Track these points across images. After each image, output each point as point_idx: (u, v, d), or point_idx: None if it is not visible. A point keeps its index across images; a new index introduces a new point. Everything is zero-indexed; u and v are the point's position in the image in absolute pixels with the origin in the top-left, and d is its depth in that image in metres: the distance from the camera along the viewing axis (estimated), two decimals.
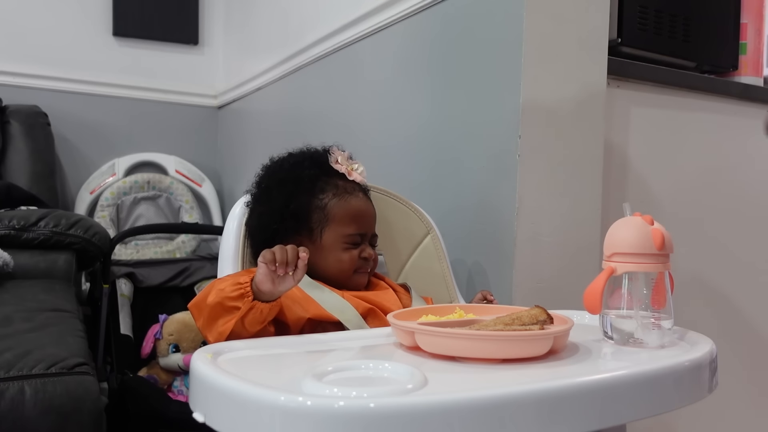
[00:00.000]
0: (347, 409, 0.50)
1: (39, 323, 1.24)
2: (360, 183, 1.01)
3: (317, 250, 0.96)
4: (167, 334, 1.82)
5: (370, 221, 1.00)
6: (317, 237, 0.97)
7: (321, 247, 0.96)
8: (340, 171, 1.00)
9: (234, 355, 0.70)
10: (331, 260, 0.96)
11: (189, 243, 2.48)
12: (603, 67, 1.21)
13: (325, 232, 0.97)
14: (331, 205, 0.97)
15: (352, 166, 1.01)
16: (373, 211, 1.02)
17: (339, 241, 0.96)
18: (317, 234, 0.97)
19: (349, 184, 1.00)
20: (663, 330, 0.72)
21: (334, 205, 0.97)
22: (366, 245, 0.99)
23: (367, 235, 0.99)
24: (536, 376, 0.63)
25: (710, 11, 1.41)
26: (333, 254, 0.96)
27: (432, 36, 1.37)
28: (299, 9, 2.00)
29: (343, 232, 0.97)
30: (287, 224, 0.96)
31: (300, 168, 0.99)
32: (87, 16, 2.59)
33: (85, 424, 1.01)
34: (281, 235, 0.96)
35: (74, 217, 1.70)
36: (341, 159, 1.01)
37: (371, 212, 1.01)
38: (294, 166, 1.00)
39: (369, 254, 0.98)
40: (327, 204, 0.97)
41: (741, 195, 1.49)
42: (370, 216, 1.01)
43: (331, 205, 0.97)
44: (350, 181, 1.00)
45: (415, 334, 0.68)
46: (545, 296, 1.14)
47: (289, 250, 0.78)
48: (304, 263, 0.78)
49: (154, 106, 2.70)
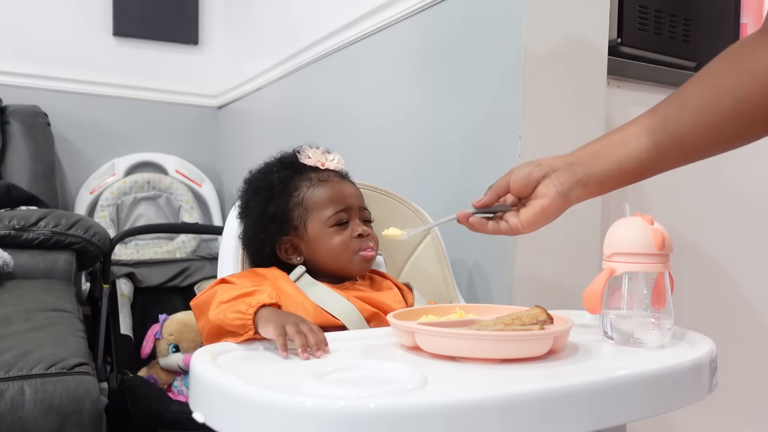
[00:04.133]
0: (347, 409, 0.50)
1: (39, 323, 1.24)
2: (336, 170, 1.00)
3: (308, 245, 0.96)
4: (167, 334, 1.82)
5: (351, 198, 0.98)
6: (303, 232, 0.96)
7: (310, 241, 0.96)
8: (312, 165, 0.99)
9: (234, 355, 0.70)
10: (324, 249, 0.95)
11: (189, 243, 2.48)
12: (603, 67, 1.21)
13: (308, 225, 0.96)
14: (307, 196, 0.97)
15: (326, 157, 1.00)
16: (354, 189, 1.00)
17: (323, 227, 0.95)
18: (302, 229, 0.96)
19: (323, 173, 0.99)
20: (663, 330, 0.72)
21: (310, 196, 0.97)
22: (356, 222, 0.97)
23: (352, 211, 0.97)
24: (536, 376, 0.63)
25: (710, 11, 1.41)
26: (323, 242, 0.95)
27: (432, 36, 1.37)
28: (299, 9, 2.00)
29: (324, 216, 0.95)
30: (270, 229, 0.96)
31: (271, 174, 0.99)
32: (87, 16, 2.59)
33: (85, 424, 1.01)
34: (269, 241, 0.96)
35: (74, 217, 1.70)
36: (312, 153, 1.00)
37: (351, 190, 0.99)
38: (266, 174, 1.00)
39: (363, 230, 0.96)
40: (303, 197, 0.97)
41: (741, 194, 1.49)
42: (349, 193, 0.99)
43: (308, 197, 0.97)
44: (324, 170, 0.99)
45: (415, 334, 0.68)
46: (545, 296, 1.14)
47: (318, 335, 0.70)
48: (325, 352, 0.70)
49: (154, 106, 2.70)
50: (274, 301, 0.77)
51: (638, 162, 0.76)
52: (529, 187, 0.80)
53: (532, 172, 0.79)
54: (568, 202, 0.79)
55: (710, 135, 0.74)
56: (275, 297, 0.78)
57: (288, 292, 0.89)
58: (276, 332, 0.69)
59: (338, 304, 0.89)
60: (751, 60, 0.71)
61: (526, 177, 0.80)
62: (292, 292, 0.90)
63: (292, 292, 0.90)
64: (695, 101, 0.73)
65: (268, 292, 0.79)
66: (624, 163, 0.76)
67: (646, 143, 0.75)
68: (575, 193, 0.78)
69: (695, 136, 0.74)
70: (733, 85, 0.71)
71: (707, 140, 0.74)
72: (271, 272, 0.94)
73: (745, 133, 0.73)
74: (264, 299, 0.76)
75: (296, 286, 0.92)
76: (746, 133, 0.73)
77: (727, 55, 0.74)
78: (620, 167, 0.77)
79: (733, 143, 0.75)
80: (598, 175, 0.77)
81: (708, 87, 0.73)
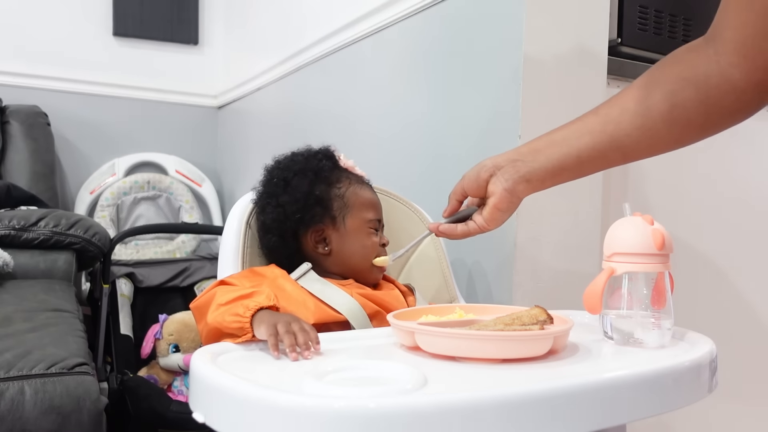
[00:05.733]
0: (347, 409, 0.50)
1: (39, 323, 1.24)
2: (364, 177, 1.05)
3: (342, 237, 0.98)
4: (167, 334, 1.82)
5: (380, 210, 1.04)
6: (340, 224, 0.98)
7: (346, 234, 0.98)
8: (346, 166, 1.03)
9: (234, 355, 0.70)
10: (357, 246, 0.98)
11: (189, 243, 2.48)
12: (603, 67, 1.21)
13: (347, 219, 0.98)
14: (349, 193, 1.00)
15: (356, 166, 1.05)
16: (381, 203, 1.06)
17: (363, 227, 0.99)
18: (340, 221, 0.98)
19: (358, 177, 1.03)
20: (663, 330, 0.72)
21: (352, 193, 1.00)
22: (381, 234, 1.02)
23: (381, 224, 1.03)
24: (536, 376, 0.63)
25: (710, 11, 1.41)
26: (359, 240, 0.98)
27: (432, 36, 1.37)
28: (299, 9, 2.00)
29: (365, 218, 0.99)
30: (313, 212, 0.97)
31: (315, 159, 1.02)
32: (87, 16, 2.59)
33: (85, 424, 1.01)
34: (305, 225, 0.97)
35: (74, 217, 1.70)
36: (343, 157, 1.04)
37: (380, 203, 1.05)
38: (309, 159, 1.02)
39: (386, 242, 1.01)
40: (345, 192, 0.99)
41: (742, 194, 1.49)
42: (380, 205, 1.04)
43: (350, 193, 1.00)
44: (356, 174, 1.04)
45: (415, 334, 0.68)
46: (545, 296, 1.14)
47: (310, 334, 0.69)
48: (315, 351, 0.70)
49: (154, 106, 2.70)
50: (272, 303, 0.77)
51: (578, 160, 0.79)
52: (481, 188, 0.84)
53: (480, 173, 0.84)
54: (516, 197, 0.82)
55: (647, 138, 0.76)
56: (273, 299, 0.78)
57: (288, 290, 0.89)
58: (267, 332, 0.69)
59: (343, 300, 0.90)
60: (689, 67, 0.72)
61: (475, 179, 0.84)
62: (292, 290, 0.90)
63: (292, 290, 0.90)
64: (634, 105, 0.75)
65: (266, 294, 0.79)
66: (565, 160, 0.79)
67: (587, 143, 0.78)
68: (520, 188, 0.81)
69: (633, 139, 0.76)
70: (671, 91, 0.72)
71: (645, 144, 0.76)
72: (270, 270, 0.95)
73: (681, 138, 0.75)
74: (262, 301, 0.76)
75: (297, 283, 0.92)
76: (682, 139, 0.75)
77: (669, 60, 0.75)
78: (561, 164, 0.80)
79: (670, 147, 0.77)
80: (540, 172, 0.81)
81: (647, 91, 0.75)
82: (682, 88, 0.72)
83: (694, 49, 0.74)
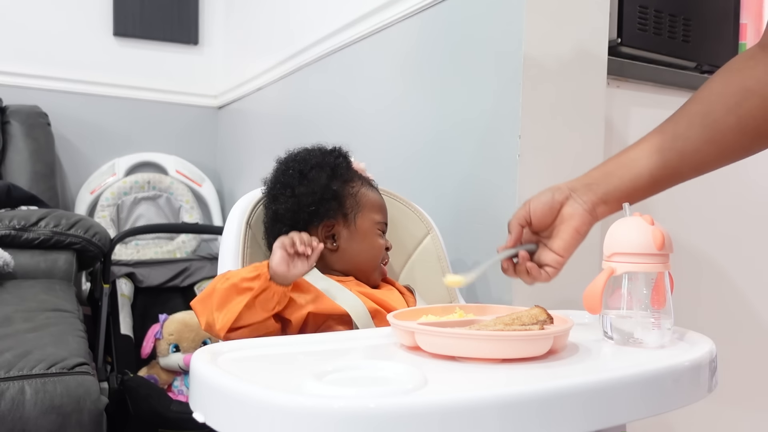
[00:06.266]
0: (347, 409, 0.50)
1: (39, 323, 1.24)
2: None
3: (351, 235, 0.98)
4: (167, 334, 1.83)
5: (387, 215, 1.05)
6: (351, 222, 0.99)
7: (356, 233, 0.99)
8: (357, 168, 1.04)
9: (234, 355, 0.70)
10: (366, 246, 0.99)
11: (189, 243, 2.48)
12: (603, 67, 1.21)
13: (358, 218, 0.99)
14: (362, 193, 1.01)
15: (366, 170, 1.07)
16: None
17: (373, 227, 1.00)
18: (351, 219, 0.99)
19: (365, 178, 1.05)
20: (663, 330, 0.72)
21: (364, 194, 1.01)
22: (386, 238, 1.03)
23: (386, 226, 1.03)
24: (536, 376, 0.63)
25: (710, 11, 1.41)
26: (368, 240, 0.99)
27: (432, 36, 1.37)
28: (299, 9, 2.01)
29: (375, 219, 1.01)
30: (328, 206, 0.98)
31: (332, 156, 1.02)
32: (87, 16, 2.59)
33: (85, 424, 1.02)
34: (319, 218, 0.97)
35: (74, 217, 1.70)
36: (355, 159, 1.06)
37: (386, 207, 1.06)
38: (325, 154, 1.03)
39: (390, 246, 1.02)
40: (358, 192, 1.00)
41: (742, 194, 1.49)
42: (386, 210, 1.05)
43: (362, 194, 1.01)
44: (366, 177, 1.05)
45: (415, 334, 0.68)
46: (545, 296, 1.14)
47: (304, 236, 0.84)
48: (317, 252, 0.84)
49: (154, 106, 2.70)
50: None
51: (651, 179, 0.80)
52: (554, 210, 0.82)
53: (555, 196, 0.81)
54: (596, 219, 0.82)
55: (717, 151, 0.77)
56: None
57: None
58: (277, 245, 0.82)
59: (346, 296, 0.91)
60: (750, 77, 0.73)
61: (549, 201, 0.82)
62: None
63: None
64: (700, 119, 0.76)
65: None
66: (638, 180, 0.80)
67: (657, 161, 0.79)
68: (600, 210, 0.81)
69: (703, 153, 0.77)
70: (736, 103, 0.74)
71: (715, 156, 0.78)
72: None
73: (752, 146, 0.77)
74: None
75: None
76: (753, 147, 0.77)
77: (728, 71, 0.76)
78: (635, 185, 0.80)
79: (741, 156, 0.79)
80: (616, 193, 0.80)
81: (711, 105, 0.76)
82: (746, 98, 0.73)
83: (752, 57, 0.75)
